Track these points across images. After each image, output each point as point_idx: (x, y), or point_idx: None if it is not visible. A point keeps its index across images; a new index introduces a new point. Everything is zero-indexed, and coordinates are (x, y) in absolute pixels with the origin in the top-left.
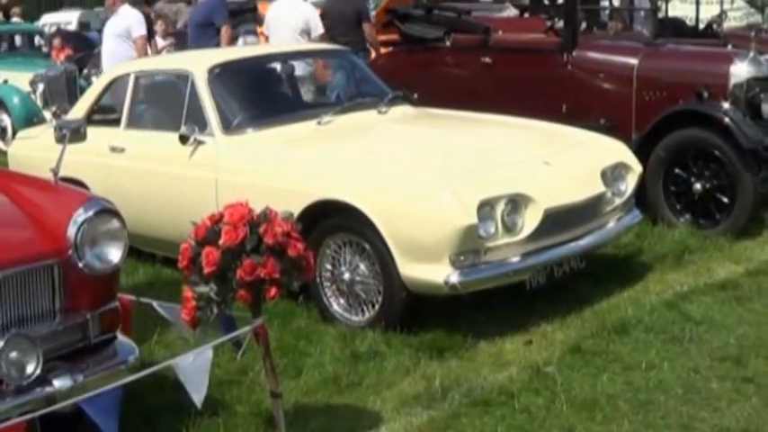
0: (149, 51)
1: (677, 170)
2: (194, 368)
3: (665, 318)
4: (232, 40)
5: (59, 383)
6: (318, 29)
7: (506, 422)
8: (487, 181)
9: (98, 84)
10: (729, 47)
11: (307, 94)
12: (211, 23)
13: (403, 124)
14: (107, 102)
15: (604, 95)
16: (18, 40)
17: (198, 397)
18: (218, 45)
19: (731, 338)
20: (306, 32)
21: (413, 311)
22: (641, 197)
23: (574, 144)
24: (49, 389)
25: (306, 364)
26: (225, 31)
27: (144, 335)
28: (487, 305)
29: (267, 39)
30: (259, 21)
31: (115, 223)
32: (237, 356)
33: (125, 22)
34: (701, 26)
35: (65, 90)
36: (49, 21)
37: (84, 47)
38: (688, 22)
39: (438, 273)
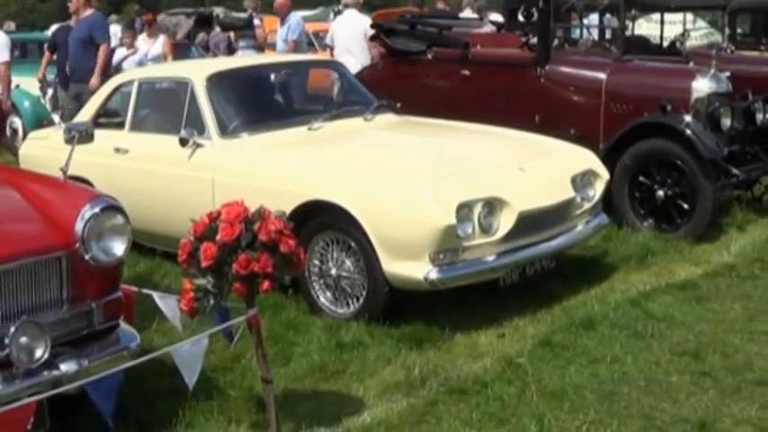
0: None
1: (641, 178)
2: (190, 354)
3: (628, 315)
4: (230, 52)
5: (66, 367)
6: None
7: (480, 409)
8: (466, 185)
9: (104, 89)
10: (691, 64)
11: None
12: (93, 41)
13: (387, 131)
14: (112, 106)
15: (575, 107)
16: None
17: (190, 380)
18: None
19: (690, 335)
20: (366, 39)
21: (394, 305)
22: (608, 202)
23: (546, 152)
24: (56, 372)
25: (294, 352)
26: (104, 50)
27: (145, 323)
28: (464, 300)
29: (331, 50)
30: (257, 35)
31: (119, 219)
32: (231, 346)
33: None
34: (665, 44)
35: None
36: None
37: None
38: (653, 40)
39: (418, 270)
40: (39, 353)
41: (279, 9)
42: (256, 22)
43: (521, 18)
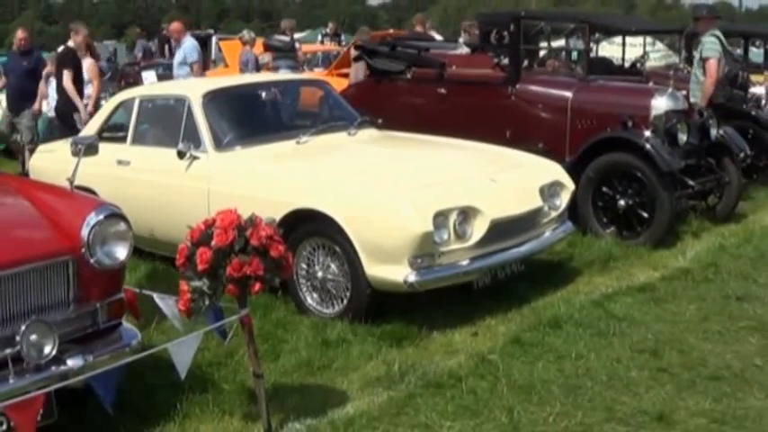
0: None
1: (604, 188)
2: (184, 348)
3: (592, 315)
4: (273, 70)
5: (72, 363)
6: None
7: (455, 402)
8: (442, 194)
9: (108, 106)
10: (651, 83)
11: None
12: None
13: (369, 145)
14: (115, 121)
15: (543, 123)
16: None
17: (182, 372)
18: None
19: (649, 334)
20: None
21: (376, 306)
22: (573, 211)
23: (516, 164)
24: (63, 367)
25: (283, 349)
26: None
27: (145, 322)
28: (440, 301)
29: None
30: (297, 59)
31: (122, 226)
32: (225, 343)
33: None
34: (627, 65)
35: None
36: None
37: None
38: (615, 61)
39: (398, 273)
40: (47, 349)
41: (173, 34)
42: (297, 44)
43: (493, 41)
